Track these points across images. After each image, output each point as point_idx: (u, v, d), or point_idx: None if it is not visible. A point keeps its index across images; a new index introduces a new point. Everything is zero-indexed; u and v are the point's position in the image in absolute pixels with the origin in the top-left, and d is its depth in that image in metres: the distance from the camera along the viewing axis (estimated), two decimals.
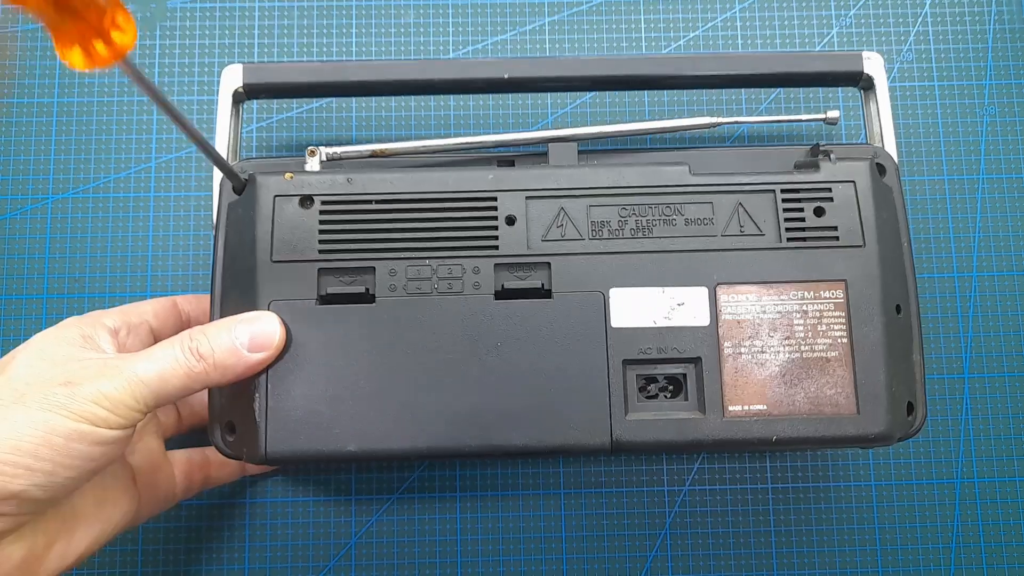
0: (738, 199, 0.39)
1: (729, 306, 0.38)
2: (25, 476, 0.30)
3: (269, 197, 0.38)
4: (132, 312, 0.39)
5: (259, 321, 0.36)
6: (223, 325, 0.36)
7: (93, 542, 0.36)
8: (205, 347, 0.34)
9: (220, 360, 0.34)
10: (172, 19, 0.51)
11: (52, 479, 0.31)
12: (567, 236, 0.39)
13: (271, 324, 0.36)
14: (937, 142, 0.51)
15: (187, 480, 0.42)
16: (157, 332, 0.40)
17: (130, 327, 0.38)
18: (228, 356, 0.35)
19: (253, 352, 0.35)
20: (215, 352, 0.34)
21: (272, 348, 0.36)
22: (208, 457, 0.44)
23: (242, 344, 0.35)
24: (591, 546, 0.47)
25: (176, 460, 0.42)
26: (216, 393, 0.38)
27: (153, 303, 0.41)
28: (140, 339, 0.39)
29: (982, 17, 0.52)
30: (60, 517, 0.34)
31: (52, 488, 0.31)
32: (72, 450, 0.31)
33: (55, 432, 0.31)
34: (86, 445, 0.31)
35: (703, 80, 0.44)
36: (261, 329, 0.36)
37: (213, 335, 0.35)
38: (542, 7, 0.52)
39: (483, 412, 0.37)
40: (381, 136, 0.51)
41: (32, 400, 0.31)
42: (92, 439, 0.31)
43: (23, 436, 0.30)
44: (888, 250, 0.39)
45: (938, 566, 0.47)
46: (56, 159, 0.49)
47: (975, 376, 0.49)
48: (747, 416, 0.37)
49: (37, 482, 0.30)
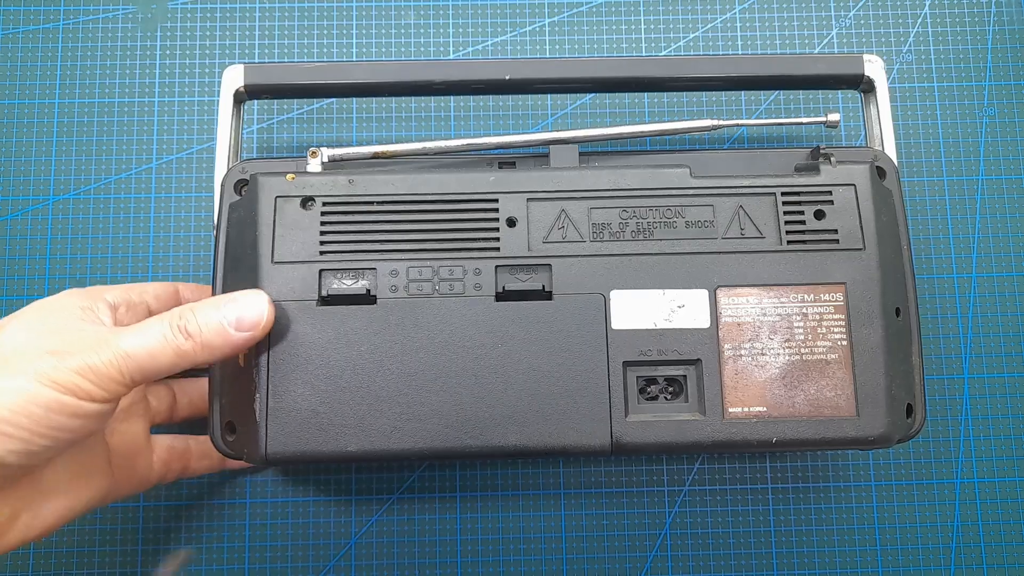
0: (739, 202, 0.39)
1: (729, 308, 0.38)
2: (1, 441, 0.30)
3: (270, 198, 0.38)
4: (134, 291, 0.39)
5: (247, 300, 0.36)
6: (212, 303, 0.35)
7: (60, 517, 0.36)
8: (193, 325, 0.34)
9: (207, 339, 0.34)
10: (173, 20, 0.51)
11: (28, 447, 0.31)
12: (568, 238, 0.39)
13: (259, 304, 0.36)
14: (936, 143, 0.51)
15: (165, 467, 0.42)
16: (155, 314, 0.40)
17: (129, 305, 0.38)
18: (215, 335, 0.34)
19: (240, 331, 0.35)
20: (202, 331, 0.34)
21: (259, 328, 0.36)
22: (190, 447, 0.43)
23: (229, 323, 0.35)
24: (591, 546, 0.47)
25: (158, 445, 0.42)
26: (216, 393, 0.39)
27: (155, 285, 0.41)
28: (137, 318, 0.38)
29: (982, 18, 0.52)
30: (29, 488, 0.34)
31: (26, 456, 0.31)
32: (51, 420, 0.31)
33: (35, 401, 0.30)
34: (66, 416, 0.31)
35: (703, 82, 0.44)
36: (249, 309, 0.35)
37: (201, 313, 0.35)
38: (542, 8, 0.52)
39: (483, 413, 0.37)
40: (382, 137, 0.51)
41: (16, 367, 0.31)
42: (73, 411, 0.31)
43: (2, 402, 0.30)
44: (888, 253, 0.39)
45: (938, 566, 0.47)
46: (57, 160, 0.49)
47: (975, 376, 0.49)
48: (747, 418, 0.37)
49: (12, 448, 0.30)
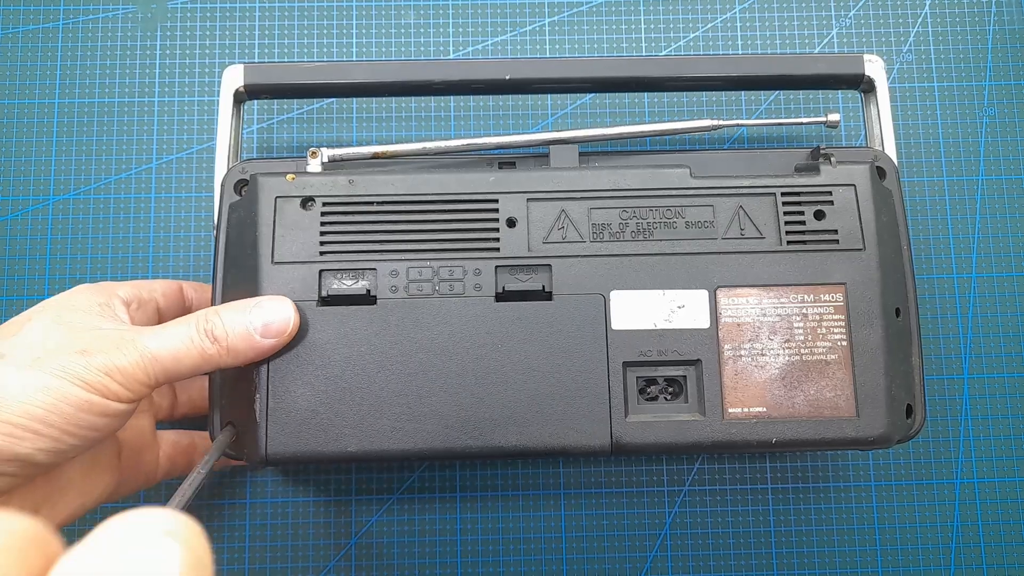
0: (739, 202, 0.39)
1: (729, 309, 0.38)
2: (32, 440, 0.30)
3: (270, 198, 0.38)
4: (143, 287, 0.39)
5: (274, 306, 0.36)
6: (238, 307, 0.36)
7: (73, 513, 0.36)
8: (220, 330, 0.34)
9: (233, 344, 0.34)
10: (173, 19, 0.51)
11: (57, 445, 0.31)
12: (568, 238, 0.39)
13: (286, 311, 0.36)
14: (936, 143, 0.51)
15: (170, 463, 0.42)
16: (163, 312, 0.40)
17: (140, 302, 0.38)
18: (241, 341, 0.35)
19: (266, 338, 0.35)
20: (229, 336, 0.34)
21: (285, 335, 0.36)
22: (195, 442, 0.44)
23: (255, 329, 0.35)
24: (591, 546, 0.47)
25: (163, 441, 0.42)
26: (216, 393, 0.39)
27: (162, 283, 0.41)
28: (147, 316, 0.39)
29: (982, 18, 0.52)
30: (49, 485, 0.35)
31: (55, 454, 0.31)
32: (80, 419, 0.31)
33: (66, 400, 0.31)
34: (94, 416, 0.32)
35: (703, 82, 0.44)
36: (275, 315, 0.36)
37: (228, 318, 0.35)
38: (542, 7, 0.52)
39: (483, 413, 0.37)
40: (382, 137, 0.51)
41: (47, 366, 0.31)
42: (100, 410, 0.32)
43: (35, 401, 0.30)
44: (888, 253, 0.39)
45: (938, 566, 0.47)
46: (57, 160, 0.49)
47: (975, 377, 0.49)
48: (747, 418, 0.37)
49: (42, 447, 0.31)
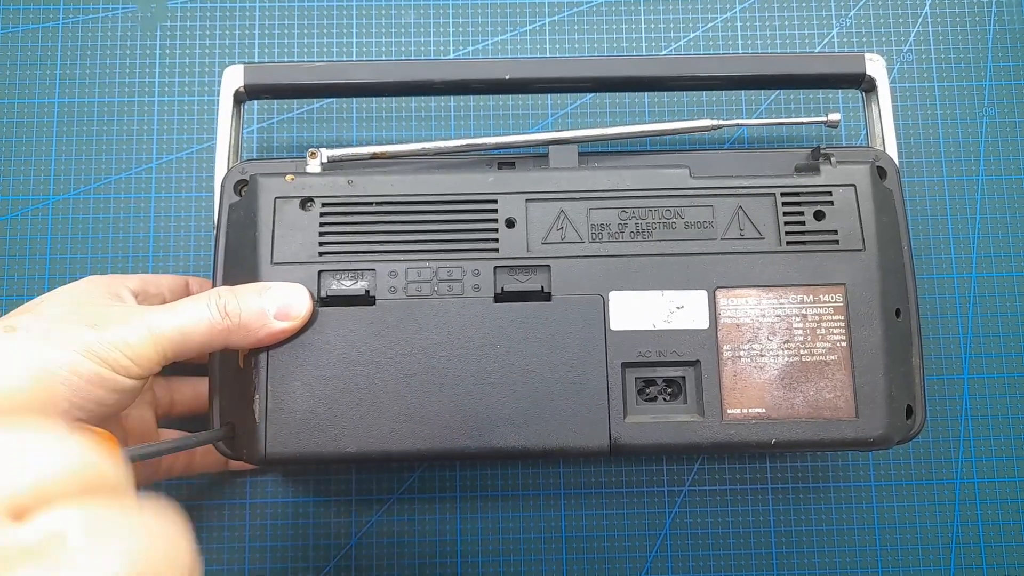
0: (738, 202, 0.39)
1: (728, 309, 0.38)
2: (40, 412, 0.30)
3: (270, 199, 0.38)
4: (151, 282, 0.40)
5: (289, 291, 0.36)
6: (252, 288, 0.36)
7: None
8: (233, 305, 0.34)
9: (246, 320, 0.34)
10: (172, 19, 0.51)
11: (65, 418, 0.31)
12: (567, 239, 0.39)
13: (301, 296, 0.36)
14: (937, 143, 0.51)
15: (171, 460, 0.42)
16: None
17: (147, 295, 0.39)
18: (254, 319, 0.35)
19: (279, 320, 0.35)
20: (242, 312, 0.34)
21: (299, 319, 0.36)
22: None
23: (270, 311, 0.35)
24: (591, 546, 0.47)
25: (164, 438, 0.42)
26: (216, 394, 0.39)
27: (168, 279, 0.41)
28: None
29: (982, 18, 0.52)
30: None
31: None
32: (89, 393, 0.31)
33: (77, 373, 0.31)
34: (104, 390, 0.32)
35: (703, 82, 0.44)
36: (290, 298, 0.36)
37: (242, 295, 0.35)
38: (542, 7, 0.52)
39: (482, 414, 0.37)
40: (382, 137, 0.51)
41: (58, 338, 0.31)
42: (110, 385, 0.32)
43: (45, 370, 0.30)
44: (888, 254, 0.39)
45: (938, 566, 0.47)
46: (57, 160, 0.49)
47: (975, 377, 0.49)
48: (746, 419, 0.37)
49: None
